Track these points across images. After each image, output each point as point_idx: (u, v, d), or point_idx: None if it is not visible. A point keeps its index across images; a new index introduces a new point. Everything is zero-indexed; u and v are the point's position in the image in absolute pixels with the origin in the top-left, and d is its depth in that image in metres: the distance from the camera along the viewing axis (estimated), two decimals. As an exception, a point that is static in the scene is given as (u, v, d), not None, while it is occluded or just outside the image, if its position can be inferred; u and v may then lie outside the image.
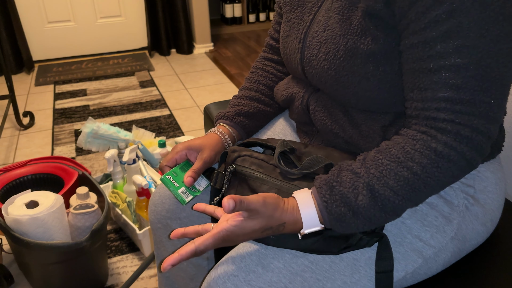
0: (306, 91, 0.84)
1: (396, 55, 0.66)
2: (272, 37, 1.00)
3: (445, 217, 0.73)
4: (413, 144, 0.62)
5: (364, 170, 0.63)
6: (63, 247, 1.20)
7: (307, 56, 0.77)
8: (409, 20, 0.61)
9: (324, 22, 0.74)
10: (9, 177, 1.48)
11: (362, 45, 0.67)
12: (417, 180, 0.61)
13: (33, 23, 3.23)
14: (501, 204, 0.80)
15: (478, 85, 0.58)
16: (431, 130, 0.61)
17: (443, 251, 0.74)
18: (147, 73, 3.16)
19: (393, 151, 0.63)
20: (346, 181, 0.63)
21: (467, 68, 0.58)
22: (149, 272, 1.48)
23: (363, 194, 0.62)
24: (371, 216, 0.62)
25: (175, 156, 0.85)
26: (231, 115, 0.93)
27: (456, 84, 0.59)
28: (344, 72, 0.70)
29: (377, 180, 0.62)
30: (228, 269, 0.69)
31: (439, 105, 0.60)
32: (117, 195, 1.60)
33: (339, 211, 0.62)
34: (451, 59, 0.58)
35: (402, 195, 0.61)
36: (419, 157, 0.61)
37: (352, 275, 0.69)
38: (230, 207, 0.59)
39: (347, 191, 0.62)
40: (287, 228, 0.64)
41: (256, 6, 4.11)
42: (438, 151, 0.60)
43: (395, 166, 0.62)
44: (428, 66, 0.60)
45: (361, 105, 0.73)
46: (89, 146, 2.13)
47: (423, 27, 0.59)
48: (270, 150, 0.81)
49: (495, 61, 0.58)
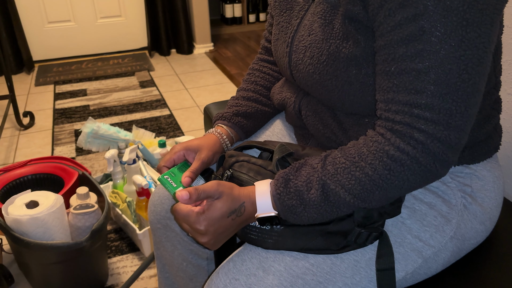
0: (297, 96, 0.84)
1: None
2: (267, 39, 1.00)
3: (444, 216, 0.73)
4: (369, 145, 0.63)
5: (321, 165, 0.65)
6: (63, 247, 1.20)
7: (294, 60, 0.78)
8: (378, 22, 0.61)
9: (309, 26, 0.74)
10: (9, 177, 1.48)
11: (344, 49, 0.67)
12: (368, 181, 0.62)
13: (33, 23, 3.23)
14: (499, 203, 0.80)
15: (438, 91, 0.57)
16: (387, 132, 0.62)
17: (443, 250, 0.74)
18: (147, 73, 3.16)
19: (351, 151, 0.64)
20: (303, 175, 0.66)
21: (427, 73, 0.57)
22: (149, 272, 1.48)
23: (315, 188, 0.64)
24: (322, 211, 0.65)
25: (173, 156, 0.85)
26: (229, 116, 0.93)
27: (415, 88, 0.58)
28: (328, 76, 0.71)
29: (331, 176, 0.64)
30: (229, 272, 0.69)
31: (398, 108, 0.60)
32: (117, 195, 1.60)
33: (291, 203, 0.65)
34: (412, 63, 0.58)
35: (353, 193, 0.63)
36: (371, 158, 0.62)
37: (353, 277, 0.69)
38: (184, 198, 0.65)
39: (301, 185, 0.65)
40: (247, 208, 0.68)
41: (256, 6, 4.11)
42: (390, 154, 0.60)
43: (349, 165, 0.63)
44: (391, 69, 0.60)
45: (346, 109, 0.73)
46: (89, 145, 2.13)
47: (389, 30, 0.59)
48: (267, 152, 0.81)
49: (456, 67, 0.57)
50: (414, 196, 0.73)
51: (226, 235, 0.69)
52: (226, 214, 0.67)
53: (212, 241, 0.68)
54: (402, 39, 0.58)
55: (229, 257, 0.73)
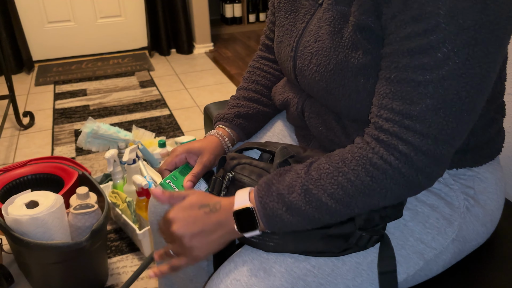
0: (301, 97, 0.84)
1: None
2: (268, 37, 0.99)
3: (446, 218, 0.73)
4: (354, 151, 0.63)
5: (305, 171, 0.65)
6: (63, 247, 1.20)
7: (299, 66, 0.77)
8: (389, 31, 0.61)
9: (316, 32, 0.73)
10: (9, 177, 1.48)
11: (353, 59, 0.67)
12: (350, 186, 0.61)
13: (33, 23, 3.23)
14: (501, 205, 0.80)
15: (433, 105, 0.57)
16: (372, 141, 0.62)
17: (444, 252, 0.74)
18: (147, 73, 3.16)
19: (336, 157, 0.64)
20: (286, 180, 0.66)
21: (426, 85, 0.57)
22: (149, 272, 1.47)
23: (297, 192, 0.64)
24: (305, 215, 0.64)
25: (174, 159, 0.85)
26: (231, 117, 0.92)
27: (411, 99, 0.58)
28: (335, 85, 0.70)
29: (314, 181, 0.63)
30: (230, 273, 0.69)
31: (389, 116, 0.60)
32: (117, 195, 1.60)
33: (273, 205, 0.65)
34: (413, 74, 0.58)
35: (335, 198, 0.62)
36: (354, 164, 0.62)
37: (355, 279, 0.69)
38: (157, 193, 0.71)
39: (283, 188, 0.65)
40: (223, 205, 0.68)
41: (256, 6, 4.10)
42: (373, 162, 0.60)
43: (332, 170, 0.63)
44: (391, 76, 0.60)
45: (353, 116, 0.73)
46: (89, 145, 2.13)
47: (398, 40, 0.59)
48: (268, 153, 0.80)
49: (456, 84, 0.56)
50: (417, 198, 0.73)
51: (201, 230, 0.67)
52: (196, 205, 0.68)
53: (182, 230, 0.67)
54: (408, 50, 0.58)
55: (230, 258, 0.73)
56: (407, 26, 0.57)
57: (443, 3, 0.54)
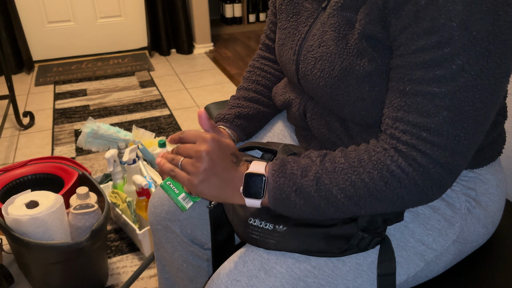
0: (303, 98, 0.83)
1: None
2: (268, 37, 0.99)
3: (448, 220, 0.73)
4: (371, 154, 0.63)
5: (320, 160, 0.65)
6: (63, 247, 1.20)
7: (302, 70, 0.77)
8: (399, 43, 0.61)
9: (319, 37, 0.73)
10: (9, 177, 1.48)
11: (358, 66, 0.67)
12: (363, 187, 0.61)
13: (33, 23, 3.23)
14: (502, 206, 0.80)
15: (449, 117, 0.57)
16: (391, 149, 0.62)
17: (445, 254, 0.74)
18: (147, 73, 3.16)
19: (352, 154, 0.64)
20: (301, 163, 0.66)
21: (442, 98, 0.57)
22: (149, 272, 1.48)
23: (310, 178, 0.64)
24: (311, 202, 0.63)
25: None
26: (231, 118, 0.92)
27: (427, 111, 0.58)
28: (340, 91, 0.70)
29: (328, 172, 0.63)
30: (230, 273, 0.69)
31: (406, 128, 0.60)
32: (117, 195, 1.60)
33: (283, 182, 0.65)
34: (428, 87, 0.58)
35: (346, 193, 0.62)
36: (371, 167, 0.61)
37: (355, 280, 0.69)
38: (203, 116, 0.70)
39: (297, 169, 0.65)
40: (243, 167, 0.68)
41: (256, 6, 4.10)
42: (391, 169, 0.60)
43: (347, 166, 0.63)
44: (405, 89, 0.60)
45: (357, 121, 0.73)
46: (89, 145, 2.13)
47: (410, 53, 0.59)
48: (270, 153, 0.80)
49: (471, 95, 0.57)
50: None
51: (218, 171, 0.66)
52: (231, 150, 0.68)
53: (207, 158, 0.65)
54: (422, 63, 0.58)
55: (230, 258, 0.72)
56: (420, 39, 0.57)
57: (455, 15, 0.54)
